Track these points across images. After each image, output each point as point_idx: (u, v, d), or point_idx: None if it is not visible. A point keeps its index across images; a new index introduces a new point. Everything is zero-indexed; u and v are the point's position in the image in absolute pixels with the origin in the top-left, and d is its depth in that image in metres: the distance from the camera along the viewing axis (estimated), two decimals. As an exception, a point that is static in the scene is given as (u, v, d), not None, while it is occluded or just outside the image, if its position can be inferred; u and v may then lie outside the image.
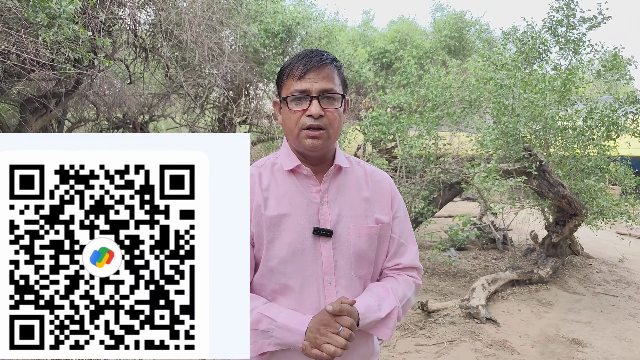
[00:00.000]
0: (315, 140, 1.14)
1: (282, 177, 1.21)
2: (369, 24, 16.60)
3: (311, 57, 1.14)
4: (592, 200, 5.62)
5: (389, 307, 1.18)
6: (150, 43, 6.92)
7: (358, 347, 1.22)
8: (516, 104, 5.20)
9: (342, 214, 1.20)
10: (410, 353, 3.62)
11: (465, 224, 5.52)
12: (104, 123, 9.54)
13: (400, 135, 5.86)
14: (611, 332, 4.28)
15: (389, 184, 1.31)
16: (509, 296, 5.12)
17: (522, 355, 3.69)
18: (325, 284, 1.18)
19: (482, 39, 12.48)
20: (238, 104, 8.55)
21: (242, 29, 7.43)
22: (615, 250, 7.67)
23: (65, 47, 3.87)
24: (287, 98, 1.15)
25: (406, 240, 1.31)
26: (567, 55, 6.41)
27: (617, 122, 5.27)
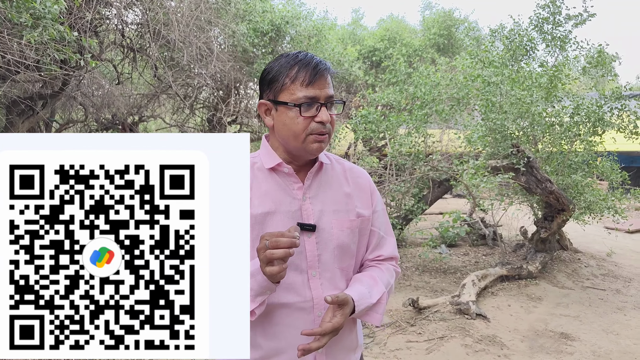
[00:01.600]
0: (322, 144, 1.19)
1: (263, 176, 1.24)
2: (358, 23, 16.62)
3: (318, 64, 1.16)
4: (580, 195, 5.69)
5: (379, 293, 1.24)
6: (138, 43, 6.86)
7: (343, 338, 1.26)
8: (504, 100, 5.25)
9: (324, 209, 1.24)
10: (401, 350, 3.65)
11: (456, 220, 5.57)
12: (92, 124, 9.45)
13: (390, 133, 5.88)
14: (599, 326, 4.35)
15: (367, 180, 1.37)
16: (498, 292, 5.16)
17: (511, 350, 3.73)
18: (310, 277, 1.22)
19: (470, 36, 12.55)
20: (228, 104, 8.52)
21: (231, 29, 7.40)
22: (603, 245, 7.77)
23: (51, 48, 3.83)
24: (298, 105, 1.15)
25: (385, 233, 1.37)
26: (553, 52, 6.47)
27: (603, 118, 5.34)
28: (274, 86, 1.20)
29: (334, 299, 1.11)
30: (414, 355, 3.57)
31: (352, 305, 1.16)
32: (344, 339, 1.27)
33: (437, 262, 6.26)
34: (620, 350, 3.80)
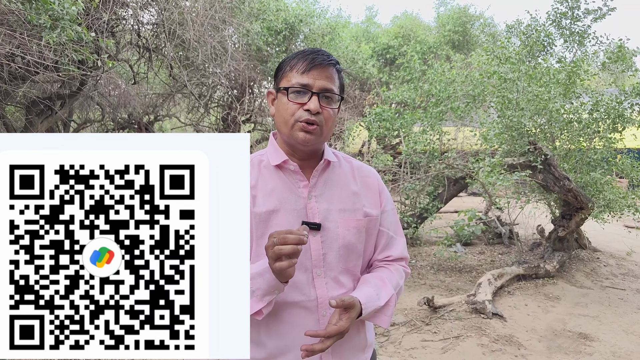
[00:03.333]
0: (308, 135, 1.17)
1: (269, 174, 1.24)
2: (372, 20, 16.54)
3: (317, 55, 1.17)
4: (599, 193, 5.58)
5: (387, 295, 1.22)
6: (154, 43, 6.94)
7: (350, 339, 1.24)
8: (520, 97, 5.16)
9: (331, 208, 1.23)
10: (417, 349, 3.63)
11: (471, 219, 5.50)
12: (109, 124, 9.59)
13: (405, 131, 5.84)
14: (619, 326, 4.26)
15: (376, 179, 1.35)
16: (515, 291, 5.10)
17: (528, 350, 3.68)
18: (315, 276, 1.21)
19: (486, 33, 12.41)
20: (242, 103, 8.56)
21: (245, 27, 7.43)
22: (623, 244, 7.61)
23: (69, 48, 3.89)
24: (287, 89, 1.17)
25: (395, 233, 1.35)
26: (571, 48, 6.35)
27: (623, 114, 5.22)
28: (278, 75, 1.23)
29: (339, 302, 1.09)
30: (429, 354, 3.55)
31: (359, 308, 1.15)
32: (351, 340, 1.25)
33: (452, 260, 6.21)
34: (641, 352, 3.72)
